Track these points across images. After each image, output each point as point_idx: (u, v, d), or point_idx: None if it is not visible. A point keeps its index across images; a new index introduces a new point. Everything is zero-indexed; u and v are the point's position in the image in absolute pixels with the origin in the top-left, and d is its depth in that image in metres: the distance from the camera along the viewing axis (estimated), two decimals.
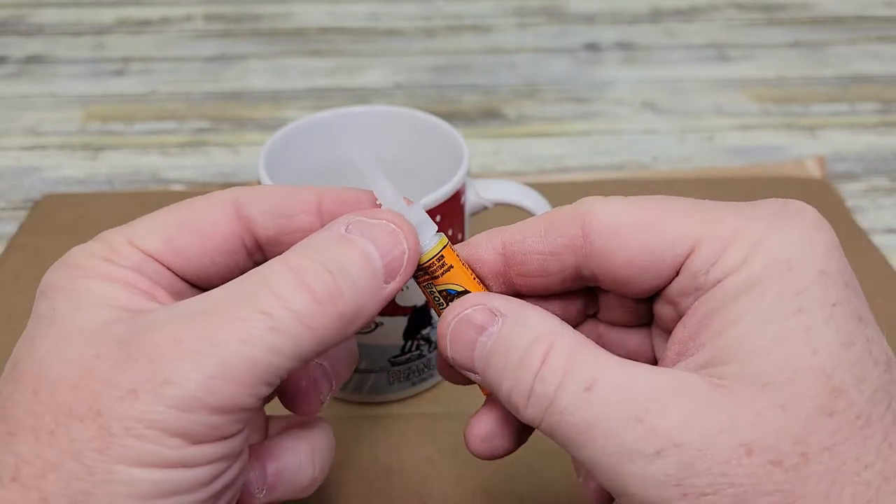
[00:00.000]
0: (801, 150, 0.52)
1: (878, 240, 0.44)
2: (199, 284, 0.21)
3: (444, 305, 0.21)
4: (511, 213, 0.34)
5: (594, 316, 0.23)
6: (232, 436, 0.18)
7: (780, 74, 0.61)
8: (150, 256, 0.20)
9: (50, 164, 0.51)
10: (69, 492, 0.17)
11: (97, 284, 0.19)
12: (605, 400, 0.18)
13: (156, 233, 0.21)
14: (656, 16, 0.69)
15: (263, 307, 0.18)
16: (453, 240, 0.31)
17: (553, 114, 0.56)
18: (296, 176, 0.33)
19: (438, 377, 0.35)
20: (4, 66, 0.62)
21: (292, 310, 0.18)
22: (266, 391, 0.18)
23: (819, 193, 0.46)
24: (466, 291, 0.21)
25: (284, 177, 0.31)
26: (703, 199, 0.22)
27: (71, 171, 0.50)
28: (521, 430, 0.23)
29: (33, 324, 0.19)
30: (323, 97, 0.58)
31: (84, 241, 0.30)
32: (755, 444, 0.16)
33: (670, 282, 0.20)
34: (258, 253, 0.22)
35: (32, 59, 0.62)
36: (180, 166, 0.51)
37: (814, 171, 0.49)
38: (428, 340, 0.33)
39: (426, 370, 0.34)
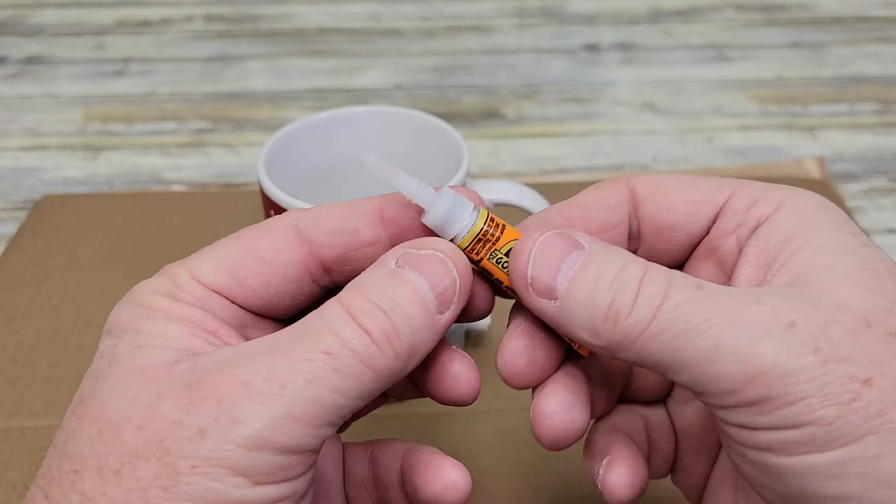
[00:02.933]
0: (801, 151, 0.52)
1: (879, 240, 0.44)
2: (264, 313, 0.21)
3: None
4: (511, 212, 0.34)
5: None
6: (295, 477, 0.18)
7: (779, 75, 0.61)
8: (214, 291, 0.20)
9: (50, 164, 0.51)
10: None
11: (162, 325, 0.19)
12: (718, 293, 0.18)
13: (218, 265, 0.21)
14: (656, 16, 0.69)
15: (326, 348, 0.18)
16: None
17: (553, 114, 0.56)
18: (296, 176, 0.33)
19: None
20: (4, 66, 0.62)
21: (353, 350, 0.18)
22: (330, 432, 0.18)
23: (819, 194, 0.46)
24: None
25: (284, 177, 0.31)
26: None
27: (71, 171, 0.50)
28: (600, 391, 0.23)
29: (98, 362, 0.19)
30: (323, 98, 0.58)
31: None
32: (872, 317, 0.17)
33: (708, 230, 0.21)
34: (324, 276, 0.22)
35: (32, 60, 0.62)
36: (180, 167, 0.51)
37: (814, 171, 0.49)
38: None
39: None
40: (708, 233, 0.21)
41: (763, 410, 0.17)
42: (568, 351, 0.22)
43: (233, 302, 0.21)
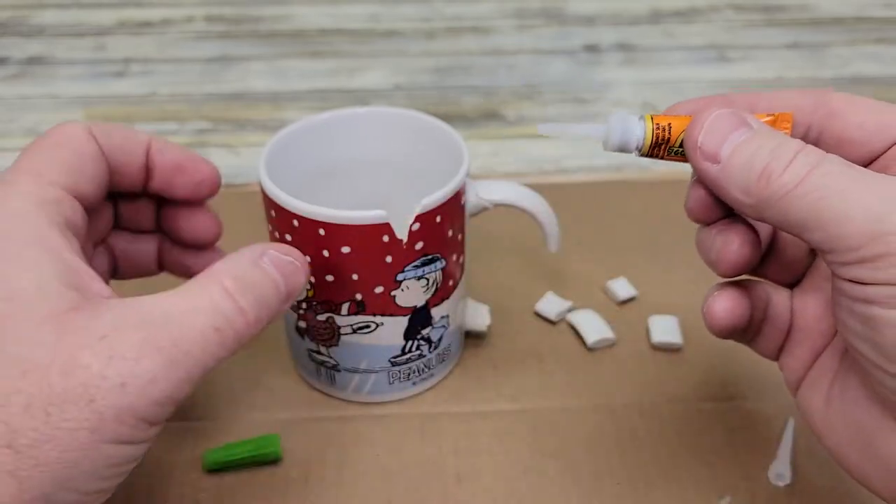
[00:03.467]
0: None
1: None
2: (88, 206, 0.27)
3: None
4: (511, 213, 0.35)
5: None
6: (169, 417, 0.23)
7: (779, 75, 0.61)
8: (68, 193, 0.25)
9: None
10: (61, 460, 0.21)
11: (40, 240, 0.23)
12: (866, 172, 0.21)
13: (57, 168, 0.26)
14: (656, 17, 0.70)
15: (217, 325, 0.24)
16: (452, 241, 0.32)
17: (553, 115, 0.56)
18: (297, 177, 0.33)
19: (439, 377, 0.35)
20: (5, 67, 0.62)
21: (235, 329, 0.24)
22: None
23: None
24: None
25: (285, 178, 0.31)
26: None
27: None
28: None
29: None
30: (323, 98, 0.58)
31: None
32: None
33: (884, 152, 0.24)
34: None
35: (33, 60, 0.63)
36: None
37: None
38: (428, 341, 0.33)
39: (426, 370, 0.34)
40: (883, 154, 0.24)
41: (878, 266, 0.20)
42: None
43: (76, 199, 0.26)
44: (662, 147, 0.24)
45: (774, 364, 0.27)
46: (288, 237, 0.30)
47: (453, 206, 0.31)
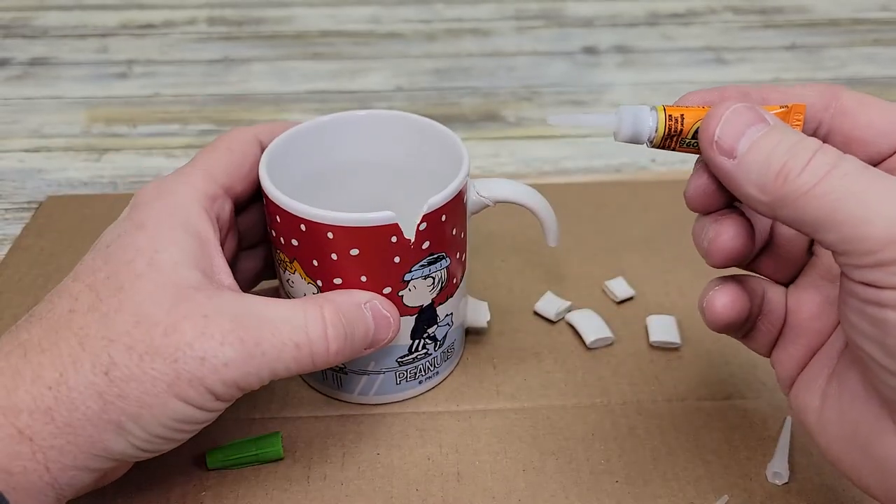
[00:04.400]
0: None
1: None
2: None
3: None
4: (509, 212, 0.35)
5: None
6: (234, 401, 0.26)
7: (776, 77, 0.61)
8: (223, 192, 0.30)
9: (54, 166, 0.51)
10: (139, 399, 0.24)
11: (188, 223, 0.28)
12: (884, 175, 0.21)
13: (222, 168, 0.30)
14: (654, 19, 0.70)
15: (298, 341, 0.26)
16: (455, 239, 0.32)
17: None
18: (297, 179, 0.33)
19: (443, 375, 0.36)
20: (8, 68, 0.62)
21: (313, 352, 0.27)
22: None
23: None
24: None
25: (286, 180, 0.31)
26: None
27: (75, 172, 0.51)
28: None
29: (132, 234, 0.27)
30: (324, 100, 0.58)
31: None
32: None
33: (892, 154, 0.23)
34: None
35: (36, 62, 0.63)
36: None
37: None
38: (434, 339, 0.34)
39: (432, 368, 0.35)
40: (891, 156, 0.24)
41: (895, 271, 0.20)
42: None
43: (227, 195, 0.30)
44: (674, 139, 0.24)
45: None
46: (294, 242, 0.30)
47: (456, 205, 0.31)
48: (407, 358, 0.33)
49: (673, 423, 0.34)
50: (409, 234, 0.29)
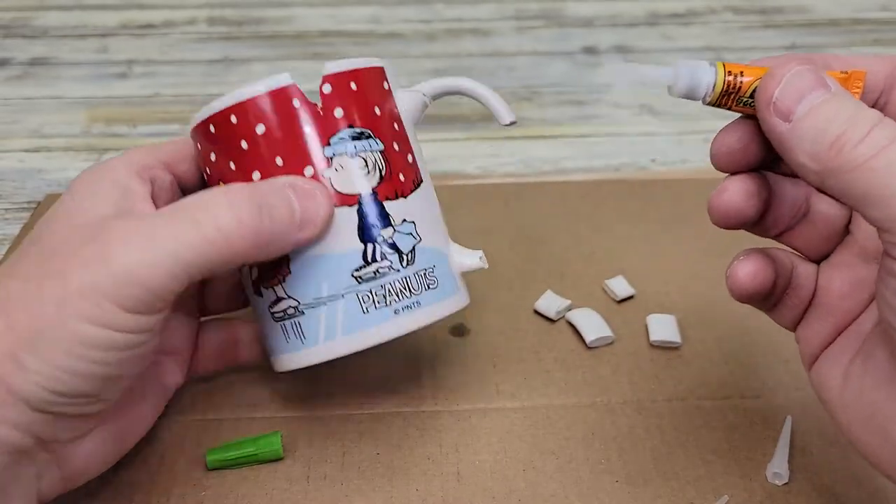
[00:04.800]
0: None
1: None
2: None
3: None
4: (509, 210, 0.35)
5: None
6: (155, 312, 0.25)
7: None
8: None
9: (54, 165, 0.51)
10: (29, 326, 0.23)
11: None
12: None
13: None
14: (654, 19, 0.70)
15: (200, 219, 0.24)
16: (384, 122, 0.30)
17: (552, 116, 0.57)
18: None
19: (430, 311, 0.30)
20: (8, 68, 0.62)
21: (219, 226, 0.24)
22: (185, 281, 0.24)
23: None
24: None
25: None
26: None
27: (75, 172, 0.51)
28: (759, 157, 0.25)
29: (62, 199, 0.27)
30: None
31: None
32: None
33: None
34: None
35: (36, 62, 0.63)
36: None
37: None
38: (396, 249, 0.29)
39: (407, 293, 0.29)
40: None
41: None
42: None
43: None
44: (732, 97, 0.23)
45: (773, 363, 0.27)
46: (213, 157, 0.29)
47: (371, 80, 0.30)
48: (365, 271, 0.28)
49: (673, 423, 0.34)
50: (315, 98, 0.28)
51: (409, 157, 0.31)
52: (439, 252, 0.30)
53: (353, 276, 0.28)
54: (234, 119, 0.28)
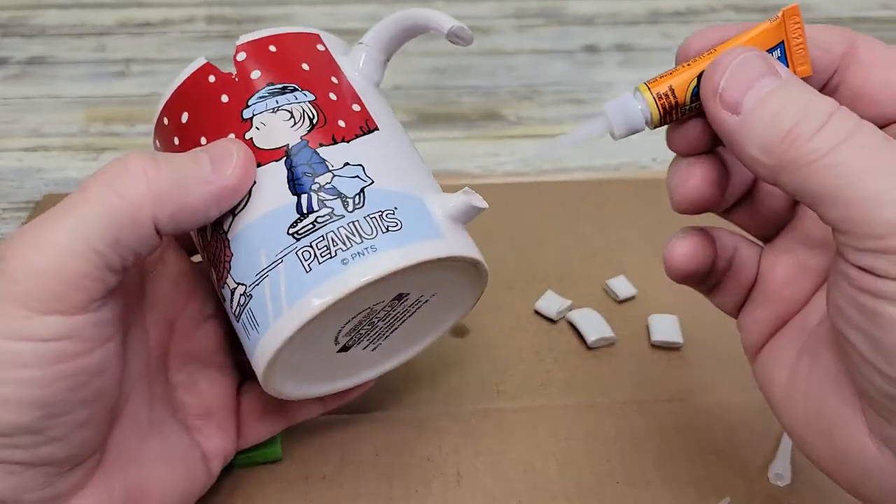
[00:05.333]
0: None
1: None
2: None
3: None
4: (509, 209, 0.34)
5: None
6: (79, 309, 0.21)
7: None
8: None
9: (52, 165, 0.51)
10: None
11: None
12: None
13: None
14: (655, 18, 0.70)
15: (84, 189, 0.22)
16: (318, 78, 0.27)
17: (552, 115, 0.57)
18: None
19: (389, 249, 0.24)
20: (6, 67, 0.62)
21: (110, 186, 0.22)
22: (98, 261, 0.21)
23: None
24: None
25: None
26: None
27: (73, 172, 0.51)
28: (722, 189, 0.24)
29: None
30: None
31: None
32: None
33: None
34: None
35: (34, 61, 0.63)
36: None
37: None
38: (337, 194, 0.25)
39: (356, 239, 0.24)
40: None
41: None
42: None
43: None
44: (674, 111, 0.22)
45: None
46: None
47: (296, 43, 0.28)
48: (302, 225, 0.24)
49: (674, 424, 0.34)
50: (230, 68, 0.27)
51: (356, 107, 0.27)
52: (405, 195, 0.25)
53: (289, 234, 0.24)
54: (165, 121, 0.28)
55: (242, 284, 0.25)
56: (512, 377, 0.36)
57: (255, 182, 0.25)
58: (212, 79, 0.27)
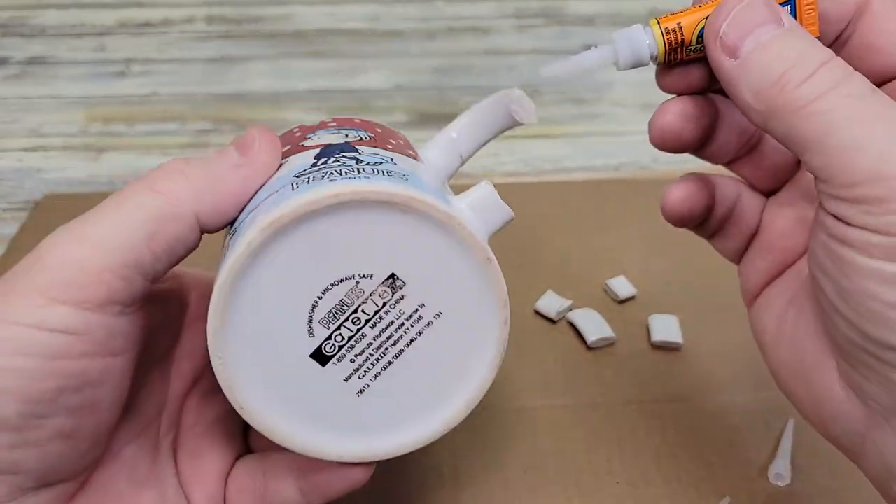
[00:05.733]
0: None
1: None
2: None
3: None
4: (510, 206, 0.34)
5: None
6: (94, 305, 0.20)
7: None
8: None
9: (52, 165, 0.51)
10: None
11: None
12: (891, 103, 0.19)
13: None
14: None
15: (122, 193, 0.22)
16: None
17: (552, 115, 0.57)
18: None
19: (379, 182, 0.21)
20: (6, 67, 0.62)
21: (150, 186, 0.22)
22: (129, 257, 0.21)
23: None
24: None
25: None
26: None
27: (73, 172, 0.51)
28: (706, 129, 0.24)
29: None
30: (324, 99, 0.58)
31: None
32: None
33: None
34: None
35: (34, 61, 0.63)
36: None
37: None
38: (356, 159, 0.23)
39: (353, 173, 0.22)
40: None
41: (870, 210, 0.18)
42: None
43: None
44: (679, 50, 0.22)
45: None
46: None
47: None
48: (309, 168, 0.23)
49: (675, 424, 0.34)
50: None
51: (410, 151, 0.26)
52: (424, 182, 0.23)
53: (294, 175, 0.22)
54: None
55: (235, 227, 0.23)
56: (512, 377, 0.36)
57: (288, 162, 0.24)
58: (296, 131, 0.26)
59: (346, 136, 0.25)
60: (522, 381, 0.36)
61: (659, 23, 0.22)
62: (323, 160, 0.23)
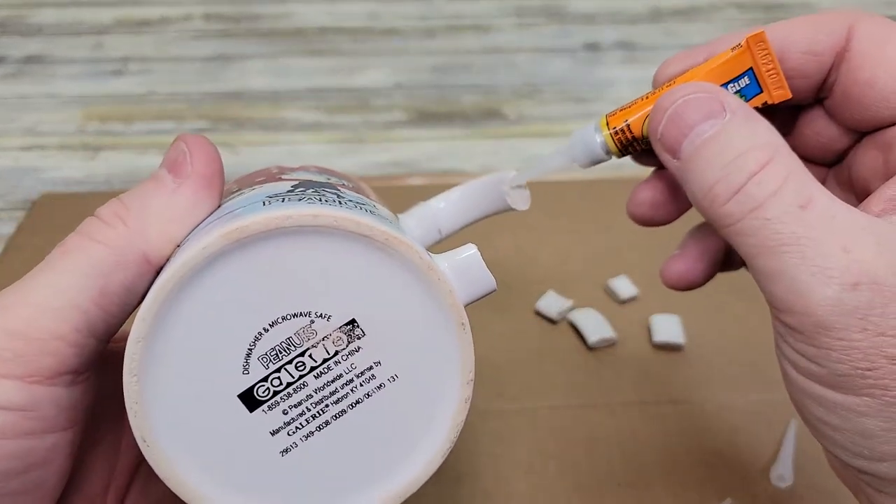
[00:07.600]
0: None
1: None
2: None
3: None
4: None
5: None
6: (42, 377, 0.18)
7: None
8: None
9: (49, 164, 0.51)
10: None
11: None
12: (817, 221, 0.17)
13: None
14: (656, 15, 0.69)
15: (64, 245, 0.20)
16: None
17: (553, 114, 0.56)
18: None
19: (317, 206, 0.19)
20: (3, 66, 0.62)
21: (83, 233, 0.20)
22: (79, 320, 0.18)
23: None
24: None
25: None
26: None
27: (70, 171, 0.50)
28: (681, 206, 0.24)
29: None
30: (322, 97, 0.58)
31: None
32: None
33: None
34: None
35: (31, 60, 0.62)
36: None
37: None
38: (332, 189, 0.22)
39: (310, 198, 0.20)
40: (891, 127, 0.20)
41: (799, 339, 0.18)
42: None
43: None
44: (634, 144, 0.22)
45: (777, 365, 0.27)
46: None
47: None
48: (276, 194, 0.21)
49: (676, 425, 0.33)
50: None
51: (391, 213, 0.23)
52: (405, 231, 0.22)
53: (267, 196, 0.20)
54: None
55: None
56: (512, 378, 0.36)
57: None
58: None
59: (328, 178, 0.23)
60: (523, 381, 0.35)
61: (608, 123, 0.22)
62: (301, 189, 0.20)
